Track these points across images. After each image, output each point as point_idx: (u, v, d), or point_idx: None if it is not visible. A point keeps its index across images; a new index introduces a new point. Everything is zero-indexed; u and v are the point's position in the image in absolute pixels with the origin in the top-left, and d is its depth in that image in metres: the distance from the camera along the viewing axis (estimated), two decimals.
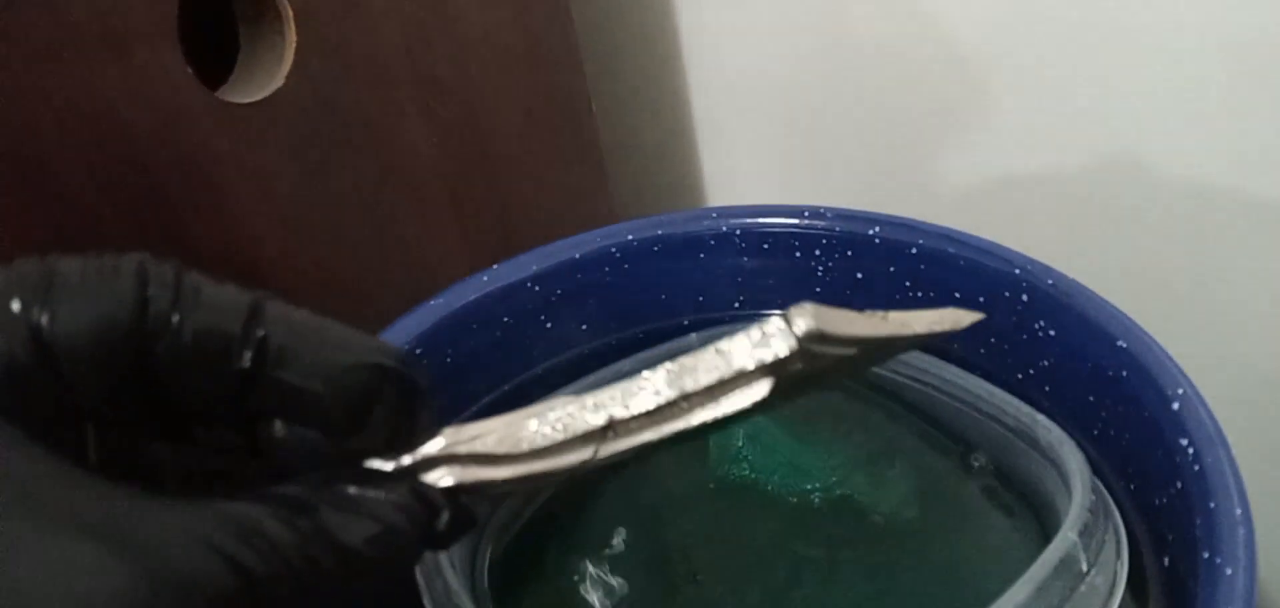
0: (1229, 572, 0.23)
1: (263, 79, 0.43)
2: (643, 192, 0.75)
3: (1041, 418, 0.30)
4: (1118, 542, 0.28)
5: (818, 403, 0.34)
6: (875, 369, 0.34)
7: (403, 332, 0.38)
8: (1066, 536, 0.26)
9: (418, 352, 0.38)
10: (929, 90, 0.55)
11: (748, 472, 0.33)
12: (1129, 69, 0.47)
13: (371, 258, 0.49)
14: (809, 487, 0.32)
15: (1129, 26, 0.46)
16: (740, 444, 0.33)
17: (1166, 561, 0.29)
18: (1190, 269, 0.48)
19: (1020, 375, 0.36)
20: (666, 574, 0.32)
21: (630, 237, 0.41)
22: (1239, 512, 0.25)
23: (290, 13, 0.42)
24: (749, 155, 0.68)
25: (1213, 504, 0.25)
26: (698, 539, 0.32)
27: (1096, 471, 0.33)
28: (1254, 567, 0.23)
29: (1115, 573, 0.27)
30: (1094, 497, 0.28)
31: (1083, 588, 0.26)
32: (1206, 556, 0.24)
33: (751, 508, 0.32)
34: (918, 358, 0.34)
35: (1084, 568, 0.26)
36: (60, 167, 0.36)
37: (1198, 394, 0.28)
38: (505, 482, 0.22)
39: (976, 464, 0.31)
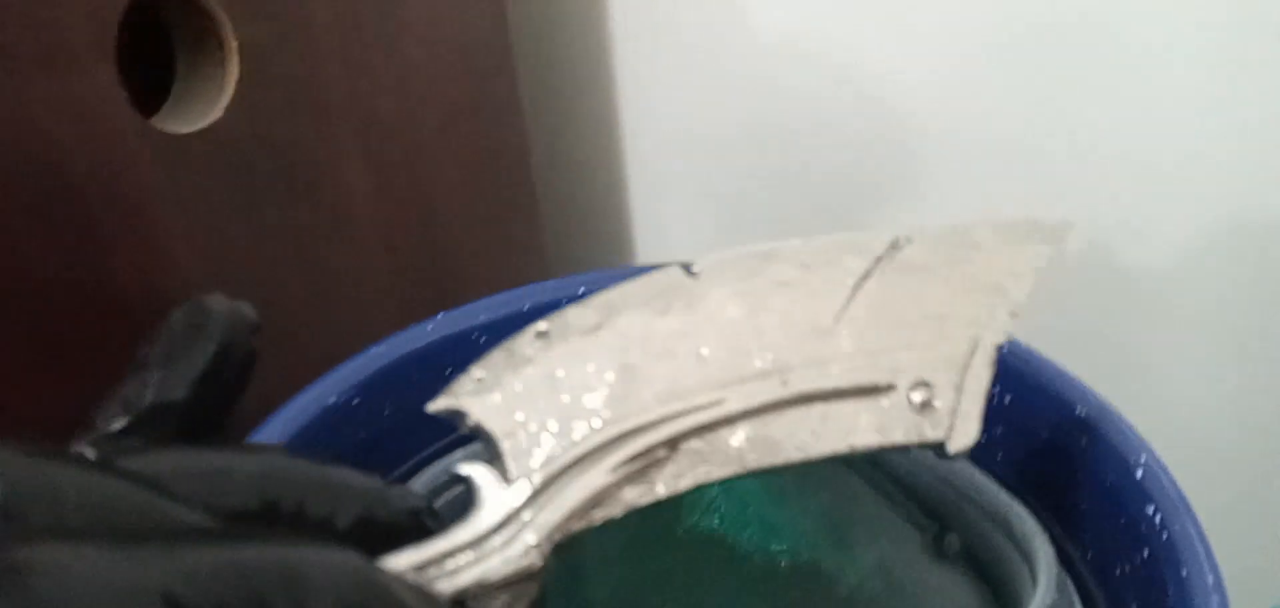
0: None
1: (200, 110, 0.41)
2: (575, 247, 0.74)
3: (1017, 505, 0.29)
4: None
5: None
6: None
7: (343, 379, 0.36)
8: None
9: (356, 402, 0.37)
10: (865, 155, 0.56)
11: (718, 523, 0.32)
12: (1063, 133, 0.48)
13: (301, 299, 0.47)
14: (777, 548, 0.31)
15: (1064, 92, 0.47)
16: (715, 494, 0.32)
17: None
18: (1137, 335, 0.49)
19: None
20: None
21: (583, 289, 0.40)
22: (1211, 579, 0.25)
23: (234, 44, 0.40)
24: (682, 215, 0.68)
25: (1185, 573, 0.25)
26: (657, 587, 0.31)
27: (1054, 539, 0.33)
28: None
29: None
30: (1058, 595, 0.28)
31: None
32: None
33: (717, 562, 0.31)
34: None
35: None
36: None
37: (1160, 462, 0.28)
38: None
39: (949, 545, 0.31)
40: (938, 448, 0.22)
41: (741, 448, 0.21)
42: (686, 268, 0.23)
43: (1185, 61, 0.43)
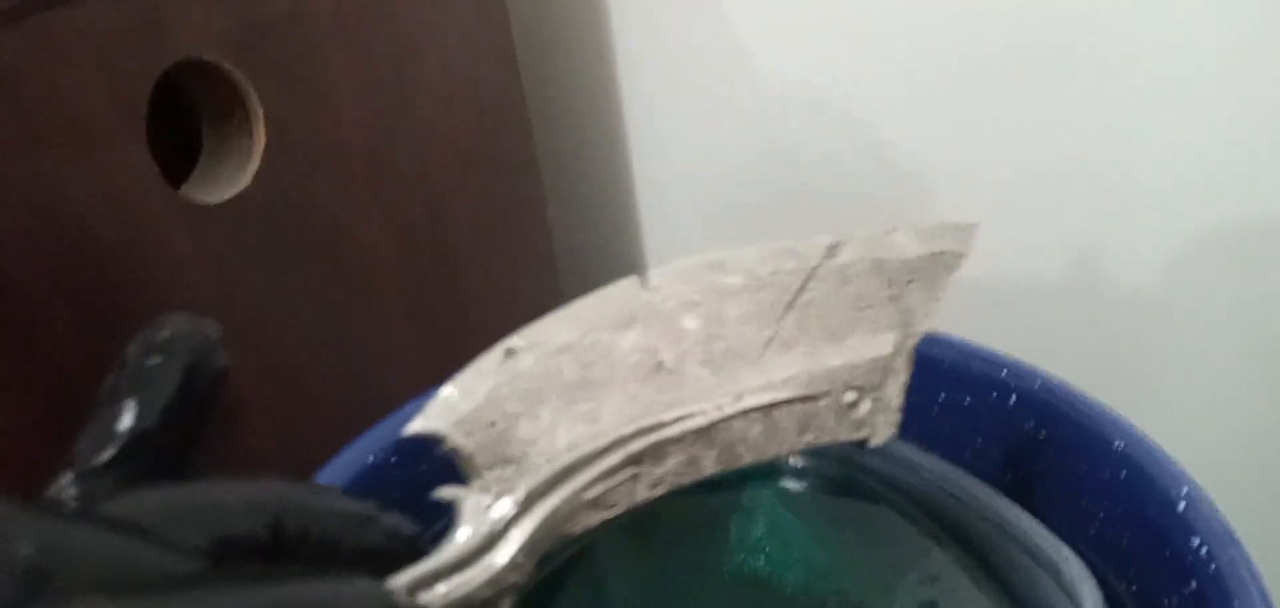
0: None
1: (228, 179, 0.41)
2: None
3: (1066, 550, 0.29)
4: None
5: (844, 505, 0.33)
6: (903, 476, 0.34)
7: (381, 437, 0.36)
8: None
9: (393, 461, 0.37)
10: (872, 203, 0.57)
11: (763, 565, 0.32)
12: (1065, 161, 0.49)
13: (330, 358, 0.47)
14: (822, 590, 0.31)
15: (1063, 120, 0.48)
16: (760, 535, 0.32)
17: None
18: (1140, 352, 0.50)
19: (1007, 477, 0.36)
20: None
21: None
22: None
23: (261, 114, 0.40)
24: None
25: (1236, 605, 0.25)
26: None
27: (1097, 573, 0.33)
28: None
29: None
30: None
31: None
32: None
33: (763, 604, 0.31)
34: (950, 471, 0.33)
35: None
36: (14, 262, 0.34)
37: (1202, 493, 0.29)
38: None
39: (994, 589, 0.31)
40: (862, 443, 0.25)
41: (701, 457, 0.23)
42: (643, 282, 0.24)
43: (1179, 79, 0.44)
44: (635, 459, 0.23)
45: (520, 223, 0.58)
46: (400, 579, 0.19)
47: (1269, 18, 0.40)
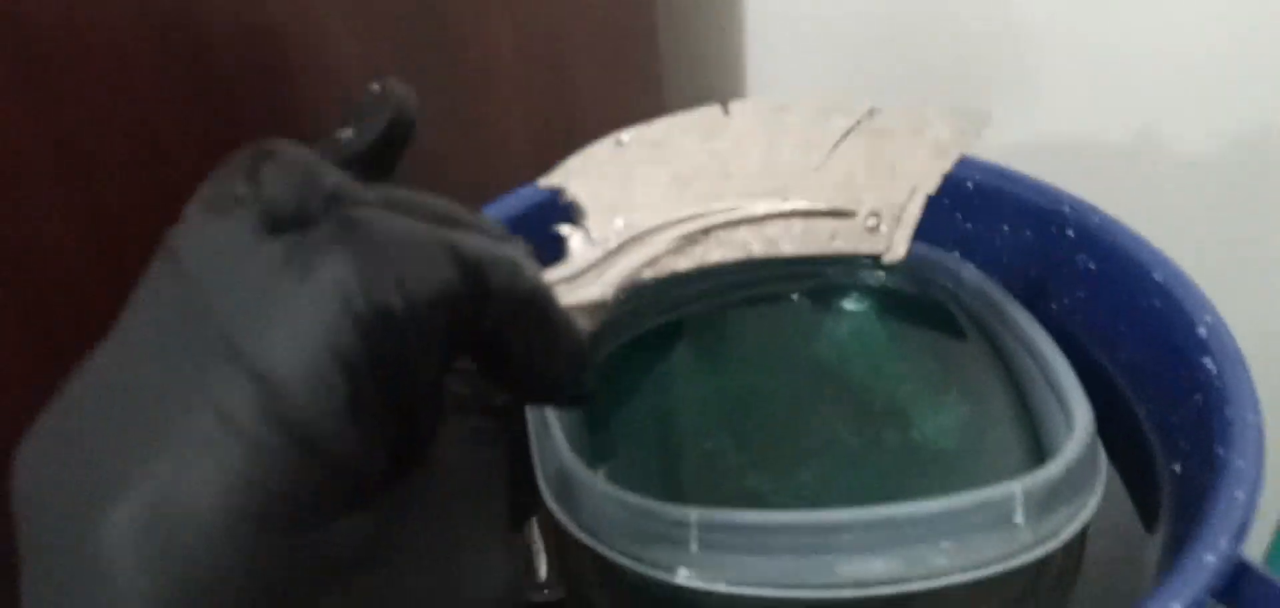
0: (1240, 463, 0.27)
1: None
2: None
3: (1073, 384, 0.32)
4: (1083, 535, 0.29)
5: (929, 334, 0.38)
6: (989, 319, 0.37)
7: (497, 213, 0.41)
8: (1010, 487, 0.26)
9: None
10: (980, 47, 0.58)
11: (835, 356, 0.36)
12: (1161, 42, 0.49)
13: (447, 143, 0.52)
14: (876, 387, 0.35)
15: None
16: (844, 334, 0.37)
17: (1178, 467, 0.32)
18: (1221, 237, 0.51)
19: (1054, 305, 0.39)
20: (727, 407, 0.35)
21: None
22: (1251, 416, 0.28)
23: None
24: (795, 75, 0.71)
25: (1228, 411, 0.28)
26: (770, 394, 0.36)
27: (1117, 392, 0.36)
28: (1262, 459, 0.27)
29: (1064, 547, 0.27)
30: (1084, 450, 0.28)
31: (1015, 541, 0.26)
32: (1220, 452, 0.28)
33: (824, 388, 0.35)
34: (1027, 323, 0.35)
35: (1019, 520, 0.26)
36: (116, 28, 0.37)
37: (1223, 322, 0.31)
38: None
39: (1025, 433, 0.33)
40: (876, 258, 0.31)
41: (748, 240, 0.30)
42: (724, 109, 0.32)
43: None
44: (704, 230, 0.30)
45: (630, 42, 0.61)
46: None
47: None
